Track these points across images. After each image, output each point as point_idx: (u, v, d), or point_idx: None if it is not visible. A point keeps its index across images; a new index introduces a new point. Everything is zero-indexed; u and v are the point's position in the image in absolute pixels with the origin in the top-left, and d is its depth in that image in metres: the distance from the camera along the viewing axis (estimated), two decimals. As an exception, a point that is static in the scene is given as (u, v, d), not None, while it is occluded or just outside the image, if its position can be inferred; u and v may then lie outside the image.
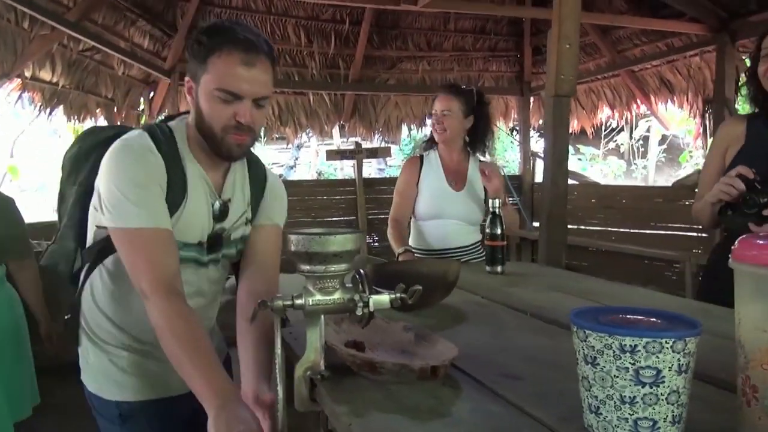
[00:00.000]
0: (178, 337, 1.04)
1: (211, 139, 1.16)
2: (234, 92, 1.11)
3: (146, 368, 1.26)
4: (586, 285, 1.80)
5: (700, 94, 5.19)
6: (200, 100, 1.14)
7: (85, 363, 1.30)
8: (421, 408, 0.81)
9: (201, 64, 1.12)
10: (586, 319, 0.71)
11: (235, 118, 1.13)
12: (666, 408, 0.67)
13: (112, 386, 1.26)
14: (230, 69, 1.10)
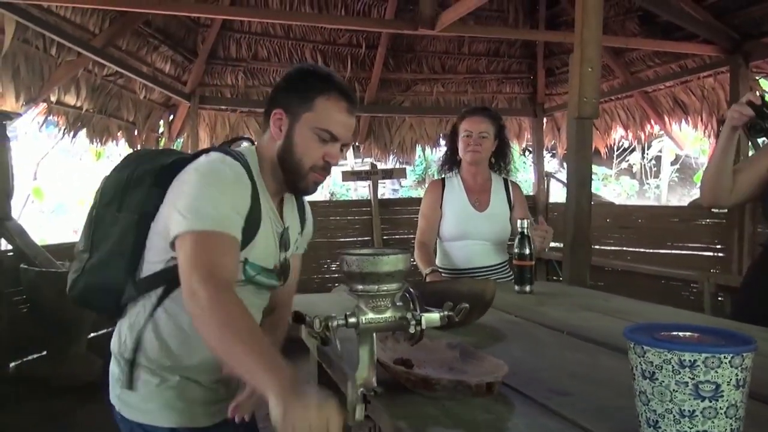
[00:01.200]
0: (231, 324, 1.00)
1: (295, 172, 1.22)
2: (334, 134, 1.20)
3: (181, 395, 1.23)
4: (614, 304, 1.82)
5: (713, 114, 5.22)
6: (295, 134, 1.21)
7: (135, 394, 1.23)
8: (479, 423, 0.84)
9: (305, 101, 1.20)
10: (642, 336, 0.74)
11: (324, 158, 1.21)
12: (725, 422, 0.69)
13: (163, 411, 1.21)
14: (335, 113, 1.21)
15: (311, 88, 1.22)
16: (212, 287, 1.02)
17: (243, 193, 1.17)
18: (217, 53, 5.49)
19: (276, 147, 1.24)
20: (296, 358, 3.93)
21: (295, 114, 1.21)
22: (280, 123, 1.23)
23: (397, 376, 0.97)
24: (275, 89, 1.29)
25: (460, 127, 2.26)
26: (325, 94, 1.21)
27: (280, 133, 1.23)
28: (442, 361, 1.08)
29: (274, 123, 1.24)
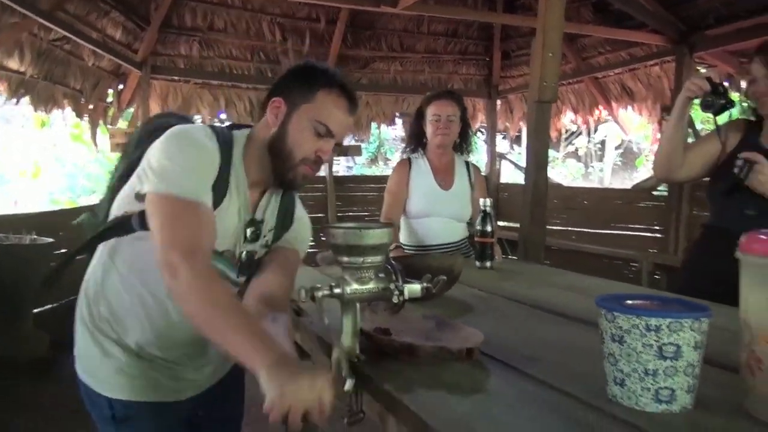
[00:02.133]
0: (216, 302, 1.00)
1: (285, 162, 1.19)
2: (331, 129, 1.19)
3: (142, 372, 1.22)
4: (569, 279, 1.92)
5: (658, 101, 5.46)
6: (291, 123, 1.19)
7: (80, 351, 1.25)
8: (461, 385, 0.90)
9: (307, 92, 1.18)
10: (614, 304, 0.81)
11: (317, 153, 1.20)
12: (683, 379, 0.78)
13: (103, 381, 1.21)
14: (335, 110, 1.20)
15: (315, 80, 1.20)
16: (192, 262, 1.01)
17: (211, 160, 1.15)
18: (171, 22, 5.32)
19: (269, 134, 1.22)
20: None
21: (294, 104, 1.20)
22: (277, 111, 1.21)
23: (381, 344, 1.02)
24: (278, 80, 1.27)
25: (427, 110, 2.31)
26: (328, 88, 1.20)
27: (275, 121, 1.21)
28: (419, 331, 1.14)
29: (271, 110, 1.21)
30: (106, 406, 1.20)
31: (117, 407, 1.20)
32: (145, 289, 1.19)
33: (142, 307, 1.20)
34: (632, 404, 0.80)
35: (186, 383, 1.28)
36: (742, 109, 1.84)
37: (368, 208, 6.36)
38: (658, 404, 0.78)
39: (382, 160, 12.68)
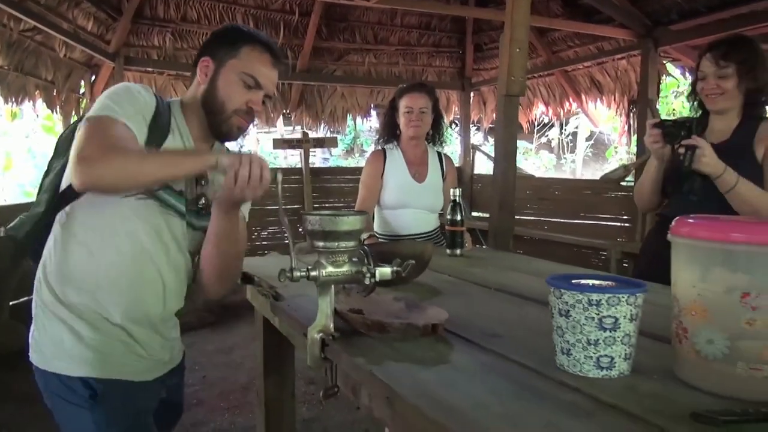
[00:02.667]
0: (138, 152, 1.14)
1: (218, 115, 1.29)
2: (258, 81, 1.29)
3: (114, 349, 1.25)
4: (535, 266, 2.03)
5: (626, 94, 5.63)
6: (219, 78, 1.28)
7: (41, 338, 1.25)
8: (426, 358, 0.99)
9: (231, 49, 1.28)
10: (561, 282, 0.91)
11: (248, 104, 1.29)
12: (620, 347, 0.88)
13: (76, 362, 1.22)
14: (259, 63, 1.30)
15: (238, 38, 1.31)
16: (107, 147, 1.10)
17: (144, 100, 1.23)
18: (144, 13, 5.29)
19: (200, 91, 1.31)
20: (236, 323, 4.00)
21: (221, 60, 1.30)
22: (206, 69, 1.31)
23: (354, 323, 1.10)
24: (204, 43, 1.37)
25: (400, 103, 2.39)
26: (251, 44, 1.31)
27: (205, 78, 1.31)
28: (389, 312, 1.22)
29: (200, 70, 1.31)
30: (82, 387, 1.21)
31: (95, 385, 1.21)
32: (108, 246, 1.23)
33: (110, 268, 1.23)
34: (577, 371, 0.89)
35: (153, 363, 1.33)
36: (690, 106, 1.96)
37: (345, 200, 6.43)
38: (599, 370, 0.88)
39: (358, 151, 12.73)
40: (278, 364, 1.97)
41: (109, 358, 1.24)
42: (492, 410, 0.78)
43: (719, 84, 1.76)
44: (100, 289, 1.24)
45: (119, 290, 1.25)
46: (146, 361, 1.32)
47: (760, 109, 1.82)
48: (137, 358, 1.30)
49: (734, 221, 0.87)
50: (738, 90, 1.76)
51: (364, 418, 2.93)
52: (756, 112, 1.81)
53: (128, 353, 1.28)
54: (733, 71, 1.74)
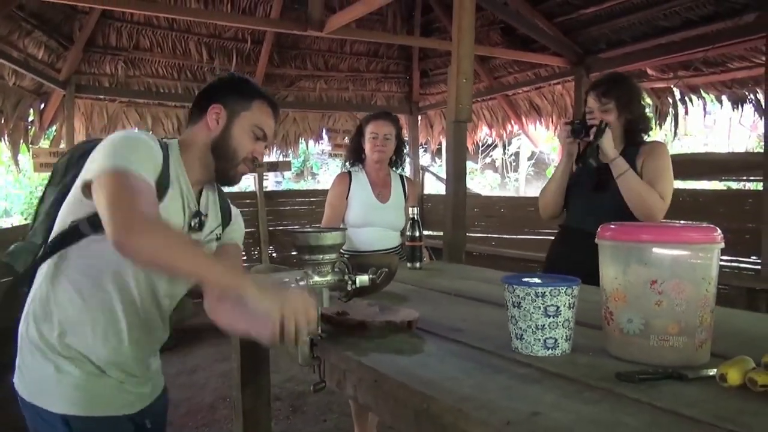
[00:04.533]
0: (180, 236, 1.17)
1: (229, 161, 1.37)
2: (266, 133, 1.41)
3: (97, 386, 1.27)
4: (486, 275, 2.25)
5: (562, 116, 6.03)
6: (233, 127, 1.37)
7: (25, 370, 1.27)
8: (403, 349, 1.17)
9: (244, 101, 1.39)
10: (514, 280, 1.11)
11: (253, 154, 1.40)
12: (562, 330, 1.08)
13: (58, 398, 1.23)
14: (267, 116, 1.43)
15: (250, 92, 1.43)
16: (146, 216, 1.11)
17: (155, 153, 1.25)
18: (96, 41, 5.34)
19: (210, 136, 1.38)
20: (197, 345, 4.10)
21: (234, 111, 1.38)
22: (218, 117, 1.38)
23: (339, 323, 1.27)
24: (210, 88, 1.45)
25: (366, 129, 2.59)
26: (260, 99, 1.43)
27: (216, 126, 1.37)
28: (366, 314, 1.39)
29: (210, 116, 1.38)
30: (61, 424, 1.23)
31: (74, 423, 1.23)
32: (101, 292, 1.26)
33: (98, 310, 1.26)
34: (528, 352, 1.09)
35: (135, 396, 1.35)
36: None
37: (299, 222, 6.56)
38: (546, 350, 1.08)
39: (309, 174, 12.86)
40: (254, 374, 2.09)
41: (92, 396, 1.26)
42: (462, 382, 0.97)
43: (603, 117, 2.05)
44: (87, 330, 1.26)
45: (107, 331, 1.28)
46: (130, 395, 1.34)
47: (638, 136, 2.11)
48: (121, 393, 1.32)
49: (643, 226, 1.10)
50: (618, 121, 2.06)
51: (331, 429, 3.06)
52: (636, 139, 2.10)
53: (113, 390, 1.30)
54: (613, 106, 2.04)
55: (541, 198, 2.29)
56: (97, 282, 1.27)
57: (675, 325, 1.01)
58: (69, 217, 1.26)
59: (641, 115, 2.08)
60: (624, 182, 1.96)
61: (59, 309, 1.25)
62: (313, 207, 6.83)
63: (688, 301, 1.01)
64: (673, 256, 1.02)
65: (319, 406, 3.35)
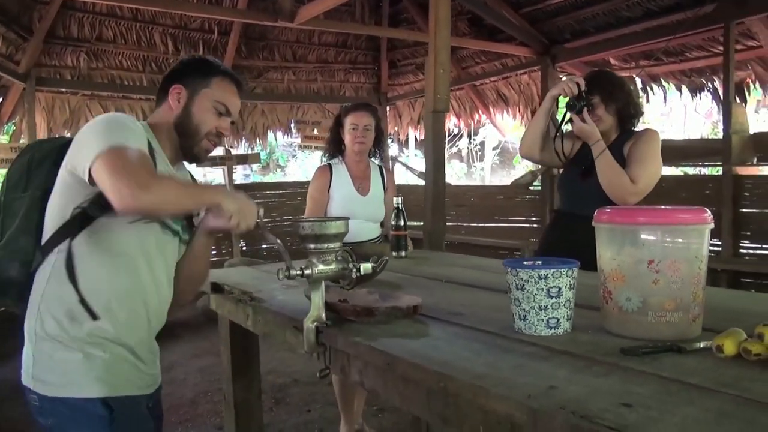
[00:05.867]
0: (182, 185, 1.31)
1: (192, 138, 1.42)
2: (228, 108, 1.45)
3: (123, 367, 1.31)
4: (471, 261, 2.30)
5: (529, 106, 6.16)
6: (193, 105, 1.41)
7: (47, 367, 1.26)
8: (409, 333, 1.21)
9: (203, 79, 1.43)
10: (516, 263, 1.16)
11: (217, 129, 1.45)
12: (563, 310, 1.14)
13: (92, 383, 1.25)
14: (229, 92, 1.47)
15: (209, 70, 1.46)
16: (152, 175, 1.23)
17: (141, 133, 1.31)
18: (57, 32, 5.19)
19: (173, 116, 1.43)
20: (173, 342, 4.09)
21: (193, 89, 1.43)
22: (178, 96, 1.43)
23: (344, 311, 1.29)
24: (172, 71, 1.48)
25: (346, 120, 2.60)
26: (220, 75, 1.47)
27: (178, 105, 1.43)
28: (368, 302, 1.43)
29: (172, 96, 1.43)
30: (101, 408, 1.25)
31: (114, 404, 1.26)
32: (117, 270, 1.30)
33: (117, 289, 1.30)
34: (532, 332, 1.14)
35: (151, 378, 1.41)
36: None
37: (270, 215, 6.52)
38: (548, 330, 1.13)
39: (275, 167, 12.75)
40: (245, 367, 2.10)
41: (122, 376, 1.30)
42: (474, 361, 1.01)
43: (593, 113, 2.12)
44: (109, 312, 1.28)
45: (127, 311, 1.32)
46: (147, 377, 1.39)
47: (630, 123, 2.19)
48: (140, 374, 1.36)
49: (639, 209, 1.16)
50: (608, 113, 2.13)
51: (317, 419, 3.08)
52: (627, 126, 2.18)
53: (133, 370, 1.34)
54: (599, 100, 2.11)
55: (522, 138, 2.37)
56: (118, 261, 1.31)
57: (671, 302, 1.07)
58: (69, 206, 1.27)
59: (628, 101, 2.15)
60: (598, 164, 2.04)
61: (78, 299, 1.25)
62: (284, 199, 6.81)
63: (683, 278, 1.07)
64: (669, 236, 1.08)
65: (303, 397, 3.37)
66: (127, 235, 1.32)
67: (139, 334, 1.36)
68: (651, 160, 2.03)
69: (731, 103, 4.34)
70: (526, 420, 0.82)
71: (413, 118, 7.25)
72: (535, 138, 2.26)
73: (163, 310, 1.44)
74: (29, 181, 1.34)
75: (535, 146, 2.26)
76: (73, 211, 1.27)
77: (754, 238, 4.35)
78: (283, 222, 6.49)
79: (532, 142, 2.27)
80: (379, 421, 3.05)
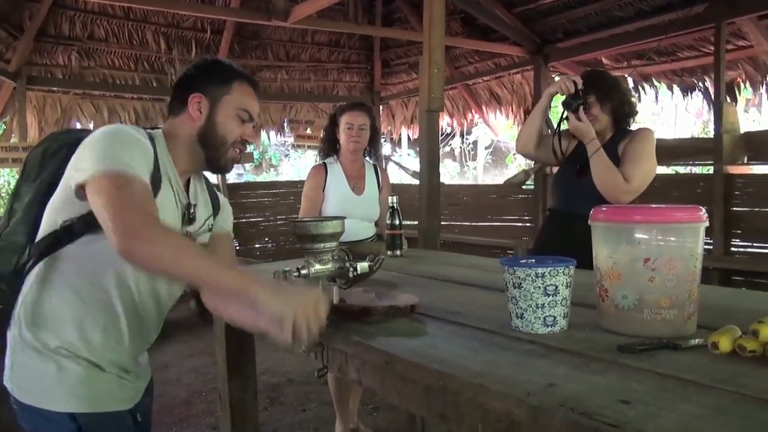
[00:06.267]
0: (185, 241, 1.17)
1: (218, 149, 1.35)
2: (251, 114, 1.39)
3: (99, 382, 1.26)
4: (466, 260, 2.31)
5: (522, 105, 6.18)
6: (217, 114, 1.34)
7: (22, 374, 1.24)
8: (407, 332, 1.21)
9: (223, 86, 1.35)
10: (513, 262, 1.16)
11: (242, 137, 1.38)
12: (560, 308, 1.14)
13: (63, 397, 1.21)
14: (249, 97, 1.40)
15: (227, 75, 1.38)
16: (150, 222, 1.10)
17: (146, 148, 1.23)
18: (48, 30, 5.15)
19: (196, 127, 1.34)
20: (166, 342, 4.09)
21: (214, 97, 1.35)
22: (199, 106, 1.33)
23: (342, 310, 1.29)
24: (186, 78, 1.40)
25: (341, 120, 2.61)
26: (239, 80, 1.39)
27: (200, 115, 1.34)
28: (364, 301, 1.43)
29: (192, 106, 1.35)
30: (69, 422, 1.21)
31: (82, 420, 1.22)
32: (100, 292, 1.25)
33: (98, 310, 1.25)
34: (529, 330, 1.15)
35: (134, 391, 1.35)
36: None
37: (263, 214, 6.51)
38: (545, 327, 1.14)
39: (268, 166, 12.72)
40: (241, 367, 2.10)
41: (97, 391, 1.25)
42: (472, 359, 1.01)
43: (589, 112, 2.13)
44: (87, 328, 1.25)
45: (106, 328, 1.27)
46: (129, 390, 1.34)
47: (624, 122, 2.21)
48: (122, 388, 1.31)
49: (635, 208, 1.17)
50: (603, 112, 2.14)
51: (312, 418, 3.08)
52: (622, 125, 2.20)
53: (114, 385, 1.29)
54: (594, 99, 2.12)
55: (519, 135, 2.40)
56: (95, 281, 1.25)
57: (666, 299, 1.08)
58: (59, 218, 1.24)
59: (623, 101, 2.16)
60: (592, 162, 2.06)
61: (56, 310, 1.23)
62: (277, 199, 6.79)
63: (678, 276, 1.08)
64: (665, 235, 1.09)
65: (297, 397, 3.37)
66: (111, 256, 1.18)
67: (121, 350, 1.30)
68: (645, 159, 2.04)
69: (722, 103, 4.37)
70: (525, 417, 0.82)
71: (406, 118, 7.26)
72: (532, 135, 2.28)
73: (153, 324, 1.39)
74: (39, 172, 1.32)
75: (531, 143, 2.29)
76: (63, 222, 1.23)
77: (745, 236, 4.38)
78: (277, 221, 6.48)
79: (528, 138, 2.29)
80: (374, 420, 3.06)
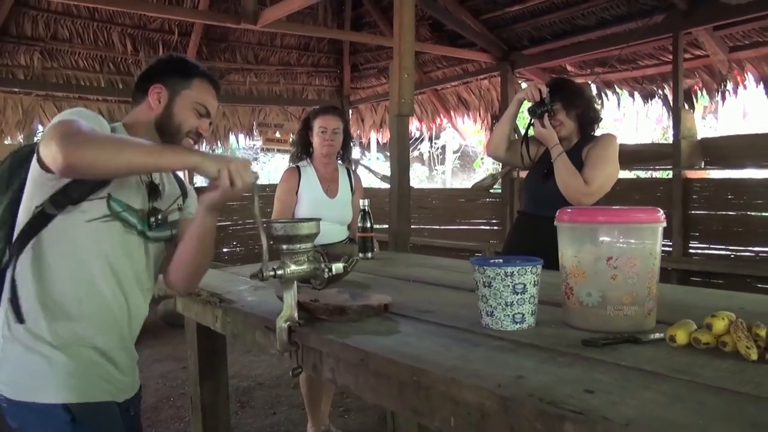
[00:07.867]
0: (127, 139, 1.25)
1: (174, 136, 1.42)
2: (209, 110, 1.47)
3: (89, 373, 1.28)
4: (435, 261, 2.36)
5: (489, 110, 6.28)
6: (175, 105, 1.42)
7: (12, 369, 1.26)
8: (381, 331, 1.24)
9: (184, 80, 1.43)
10: (484, 262, 1.20)
11: (197, 130, 1.46)
12: (528, 306, 1.19)
13: (55, 389, 1.23)
14: (208, 94, 1.48)
15: (189, 71, 1.47)
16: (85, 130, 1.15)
17: (103, 125, 1.29)
18: (9, 30, 5.02)
19: (153, 115, 1.42)
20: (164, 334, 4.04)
21: (174, 90, 1.43)
22: (159, 96, 1.43)
23: (316, 310, 1.32)
24: (150, 70, 1.48)
25: (314, 123, 2.62)
26: (200, 77, 1.48)
27: (159, 105, 1.42)
28: (339, 302, 1.45)
29: (152, 96, 1.43)
30: (63, 413, 1.23)
31: (75, 410, 1.24)
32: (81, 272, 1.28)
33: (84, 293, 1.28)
34: (499, 327, 1.19)
35: (124, 384, 1.39)
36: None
37: (231, 218, 6.46)
38: (514, 325, 1.19)
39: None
40: (213, 369, 2.10)
41: (88, 382, 1.28)
42: (445, 355, 1.05)
43: (555, 118, 2.21)
44: (75, 315, 1.27)
45: (93, 314, 1.30)
46: (119, 383, 1.36)
47: (589, 128, 2.29)
48: (111, 379, 1.34)
49: (598, 209, 1.23)
50: (569, 118, 2.22)
51: (282, 422, 3.08)
52: (587, 131, 2.28)
53: (104, 375, 1.32)
54: (561, 106, 2.21)
55: (490, 139, 2.49)
56: (79, 266, 1.29)
57: (628, 296, 1.14)
58: (32, 203, 1.27)
59: (588, 107, 2.25)
60: (555, 166, 2.14)
61: (46, 300, 1.26)
62: (246, 202, 6.74)
63: (639, 274, 1.14)
64: (626, 235, 1.14)
65: (267, 400, 3.36)
66: (84, 235, 1.28)
67: (110, 337, 1.34)
68: (606, 163, 2.12)
69: (680, 110, 4.54)
70: (496, 408, 0.86)
71: (375, 122, 7.30)
72: (502, 139, 2.37)
73: (136, 313, 1.42)
74: (11, 181, 1.34)
75: (501, 147, 2.38)
76: (35, 209, 1.27)
77: (702, 238, 4.55)
78: (246, 225, 6.43)
79: (499, 142, 2.38)
80: (345, 422, 3.08)
